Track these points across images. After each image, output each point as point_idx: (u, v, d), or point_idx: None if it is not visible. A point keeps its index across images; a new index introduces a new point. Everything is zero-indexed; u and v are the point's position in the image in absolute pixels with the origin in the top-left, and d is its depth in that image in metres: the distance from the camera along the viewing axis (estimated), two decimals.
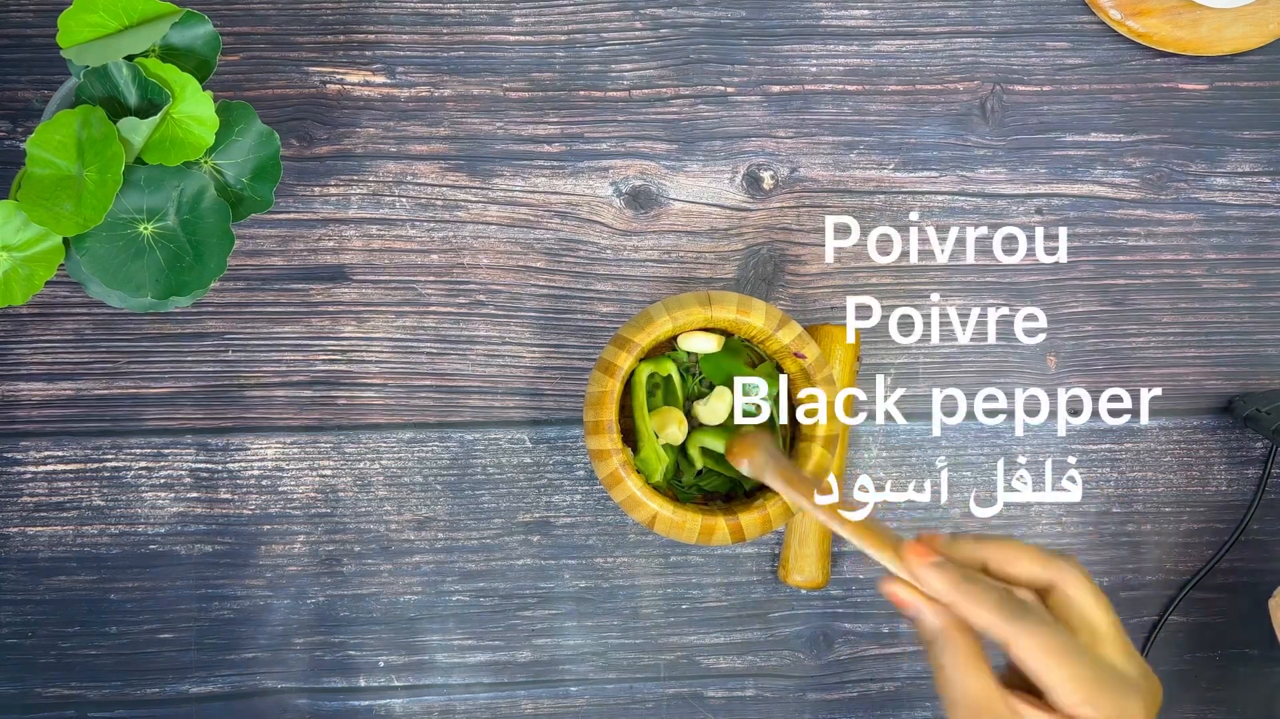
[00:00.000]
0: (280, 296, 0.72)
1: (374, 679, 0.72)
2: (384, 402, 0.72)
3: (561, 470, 0.73)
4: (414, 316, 0.73)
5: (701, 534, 0.63)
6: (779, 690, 0.74)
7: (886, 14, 0.74)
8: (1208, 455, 0.75)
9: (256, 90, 0.72)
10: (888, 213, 0.74)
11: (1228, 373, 0.75)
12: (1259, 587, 0.74)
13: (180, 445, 0.72)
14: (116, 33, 0.60)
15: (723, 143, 0.73)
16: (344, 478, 0.72)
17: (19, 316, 0.72)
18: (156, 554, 0.72)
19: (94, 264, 0.59)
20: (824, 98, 0.74)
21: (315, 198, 0.72)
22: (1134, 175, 0.75)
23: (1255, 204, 0.75)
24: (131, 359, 0.72)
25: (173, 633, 0.72)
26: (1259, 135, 0.75)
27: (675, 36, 0.73)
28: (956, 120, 0.74)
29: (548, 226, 0.73)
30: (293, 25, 0.72)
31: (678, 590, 0.73)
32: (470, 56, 0.73)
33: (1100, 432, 0.74)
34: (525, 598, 0.73)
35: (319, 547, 0.72)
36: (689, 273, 0.73)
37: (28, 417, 0.71)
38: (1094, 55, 0.75)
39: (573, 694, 0.73)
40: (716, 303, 0.63)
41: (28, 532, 0.71)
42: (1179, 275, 0.75)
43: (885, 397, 0.67)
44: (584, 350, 0.73)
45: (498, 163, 0.73)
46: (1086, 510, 0.74)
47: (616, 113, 0.73)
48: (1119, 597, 0.74)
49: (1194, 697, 0.75)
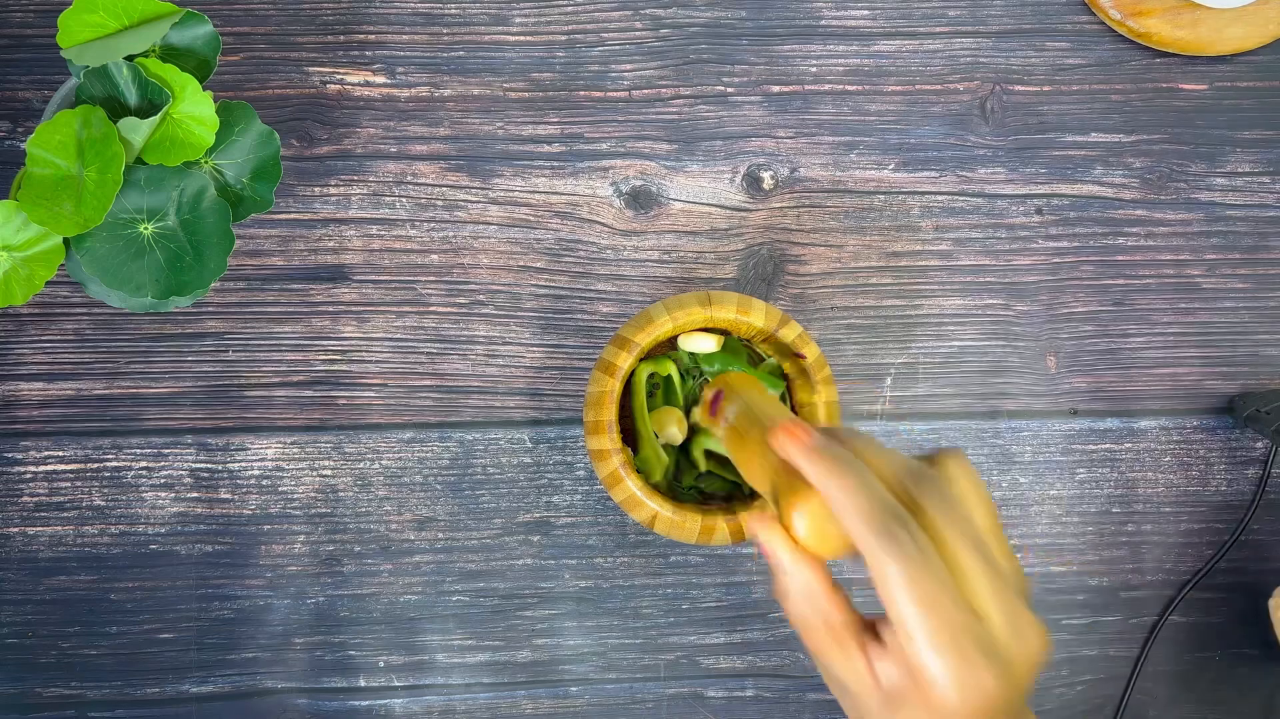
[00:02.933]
0: (280, 296, 0.72)
1: (374, 679, 0.72)
2: (384, 401, 0.72)
3: (561, 470, 0.73)
4: (414, 316, 0.73)
5: (701, 534, 0.63)
6: (779, 690, 0.74)
7: (886, 14, 0.74)
8: (1208, 455, 0.75)
9: (256, 90, 0.72)
10: (888, 213, 0.74)
11: (1228, 373, 0.75)
12: (1259, 587, 0.74)
13: (180, 445, 0.72)
14: (116, 33, 0.60)
15: (723, 143, 0.73)
16: (344, 478, 0.72)
17: (19, 316, 0.72)
18: (157, 554, 0.72)
19: (94, 264, 0.59)
20: (824, 98, 0.74)
21: (315, 198, 0.72)
22: (1134, 175, 0.75)
23: (1255, 204, 0.75)
24: (132, 359, 0.72)
25: (173, 633, 0.72)
26: (1259, 135, 0.75)
27: (675, 36, 0.73)
28: (956, 120, 0.74)
29: (548, 226, 0.73)
30: (293, 25, 0.72)
31: (678, 590, 0.73)
32: (470, 56, 0.73)
33: (1100, 431, 0.74)
34: (525, 598, 0.73)
35: (319, 547, 0.72)
36: (689, 273, 0.73)
37: (28, 416, 0.71)
38: (1094, 55, 0.75)
39: (573, 694, 0.73)
40: (716, 303, 0.63)
41: (28, 531, 0.71)
42: (1179, 275, 0.75)
43: (886, 397, 0.67)
44: (584, 350, 0.73)
45: (498, 163, 0.73)
46: (1086, 510, 0.74)
47: (616, 113, 0.73)
48: (1119, 597, 0.74)
49: (1194, 697, 0.75)
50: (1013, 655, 0.44)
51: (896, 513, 0.44)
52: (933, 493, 0.45)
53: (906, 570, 0.43)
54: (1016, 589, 0.45)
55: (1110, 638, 0.74)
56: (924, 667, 0.43)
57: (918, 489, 0.45)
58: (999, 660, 0.43)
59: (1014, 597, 0.44)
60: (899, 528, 0.43)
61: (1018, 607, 0.44)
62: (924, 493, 0.45)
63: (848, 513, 0.44)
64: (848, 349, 0.74)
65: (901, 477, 0.46)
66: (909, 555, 0.43)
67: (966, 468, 0.47)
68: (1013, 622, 0.44)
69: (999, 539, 0.46)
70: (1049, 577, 0.74)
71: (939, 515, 0.45)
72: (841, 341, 0.74)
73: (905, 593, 0.43)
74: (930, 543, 0.44)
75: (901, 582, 0.43)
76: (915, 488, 0.45)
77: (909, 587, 0.43)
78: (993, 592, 0.44)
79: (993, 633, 0.44)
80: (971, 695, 0.43)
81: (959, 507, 0.45)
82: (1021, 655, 0.44)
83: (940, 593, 0.43)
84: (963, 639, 0.43)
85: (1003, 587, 0.44)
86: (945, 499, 0.45)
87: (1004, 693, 0.43)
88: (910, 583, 0.43)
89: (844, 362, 0.74)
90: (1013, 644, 0.44)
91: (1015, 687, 0.44)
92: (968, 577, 0.44)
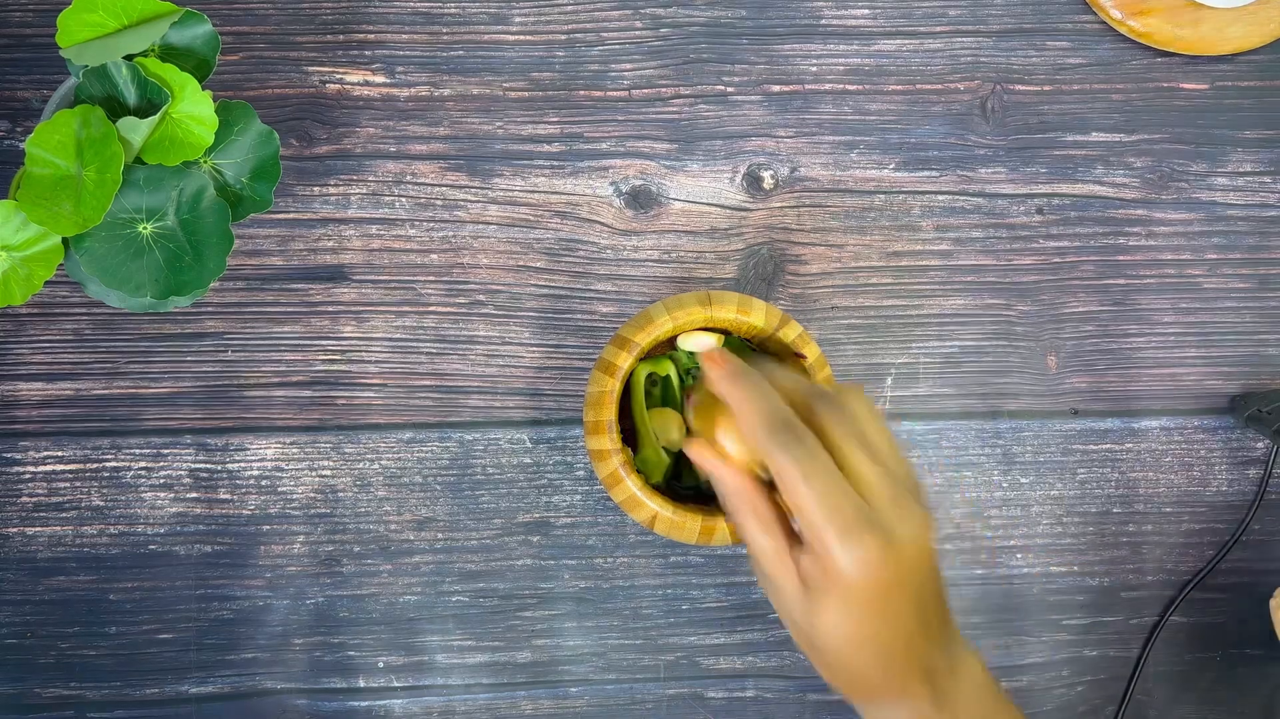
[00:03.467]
0: (280, 296, 0.72)
1: (373, 680, 0.72)
2: (383, 402, 0.72)
3: (561, 470, 0.73)
4: (414, 316, 0.72)
5: (702, 534, 0.63)
6: (779, 691, 0.73)
7: (887, 14, 0.74)
8: (1209, 455, 0.75)
9: (256, 90, 0.72)
10: (888, 212, 0.74)
11: (1229, 373, 0.75)
12: (1260, 587, 0.74)
13: (180, 445, 0.72)
14: (116, 32, 0.60)
15: (723, 142, 0.73)
16: (343, 478, 0.72)
17: (18, 316, 0.72)
18: (156, 554, 0.72)
19: (93, 264, 0.59)
20: (824, 97, 0.74)
21: (315, 198, 0.72)
22: (1135, 175, 0.75)
23: (1256, 204, 0.75)
24: (131, 359, 0.72)
25: (172, 633, 0.72)
26: (1260, 135, 0.75)
27: (675, 36, 0.73)
28: (957, 120, 0.74)
29: (547, 226, 0.73)
30: (292, 25, 0.72)
31: (678, 591, 0.73)
32: (470, 56, 0.73)
33: (1100, 432, 0.74)
34: (525, 598, 0.73)
35: (318, 547, 0.72)
36: (689, 273, 0.73)
37: (27, 417, 0.71)
38: (1095, 55, 0.74)
39: (573, 695, 0.73)
40: (716, 302, 0.63)
41: (27, 532, 0.71)
42: (1180, 275, 0.75)
43: (886, 397, 0.67)
44: (584, 350, 0.73)
45: (497, 162, 0.73)
46: (1087, 510, 0.74)
47: (616, 113, 0.73)
48: (1120, 597, 0.74)
49: (1194, 697, 0.75)
50: (897, 530, 0.50)
51: (788, 421, 0.51)
52: (826, 406, 0.52)
53: (798, 466, 0.50)
54: (907, 485, 0.52)
55: (1111, 638, 0.74)
56: (820, 542, 0.49)
57: (815, 404, 0.53)
58: (881, 531, 0.49)
59: (898, 486, 0.51)
60: (788, 433, 0.50)
61: (900, 493, 0.51)
62: (819, 406, 0.52)
63: (748, 423, 0.52)
64: (848, 349, 0.74)
65: (804, 394, 0.53)
66: (798, 455, 0.50)
67: (862, 396, 0.54)
68: (895, 503, 0.50)
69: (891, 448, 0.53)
70: (1049, 577, 0.74)
71: (829, 422, 0.52)
72: (842, 341, 0.74)
73: (799, 484, 0.49)
74: (819, 444, 0.51)
75: (795, 474, 0.49)
76: (814, 403, 0.53)
77: (802, 479, 0.49)
78: (876, 479, 0.51)
79: (878, 512, 0.50)
80: (860, 562, 0.49)
81: (848, 416, 0.52)
82: (906, 532, 0.50)
83: (828, 480, 0.50)
84: (848, 514, 0.49)
85: (885, 476, 0.51)
86: (837, 409, 0.52)
87: (893, 563, 0.49)
88: (803, 476, 0.49)
89: (844, 361, 0.74)
90: (895, 521, 0.50)
91: (902, 559, 0.50)
92: (853, 469, 0.51)
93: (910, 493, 0.52)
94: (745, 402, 0.52)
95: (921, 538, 0.51)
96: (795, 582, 0.51)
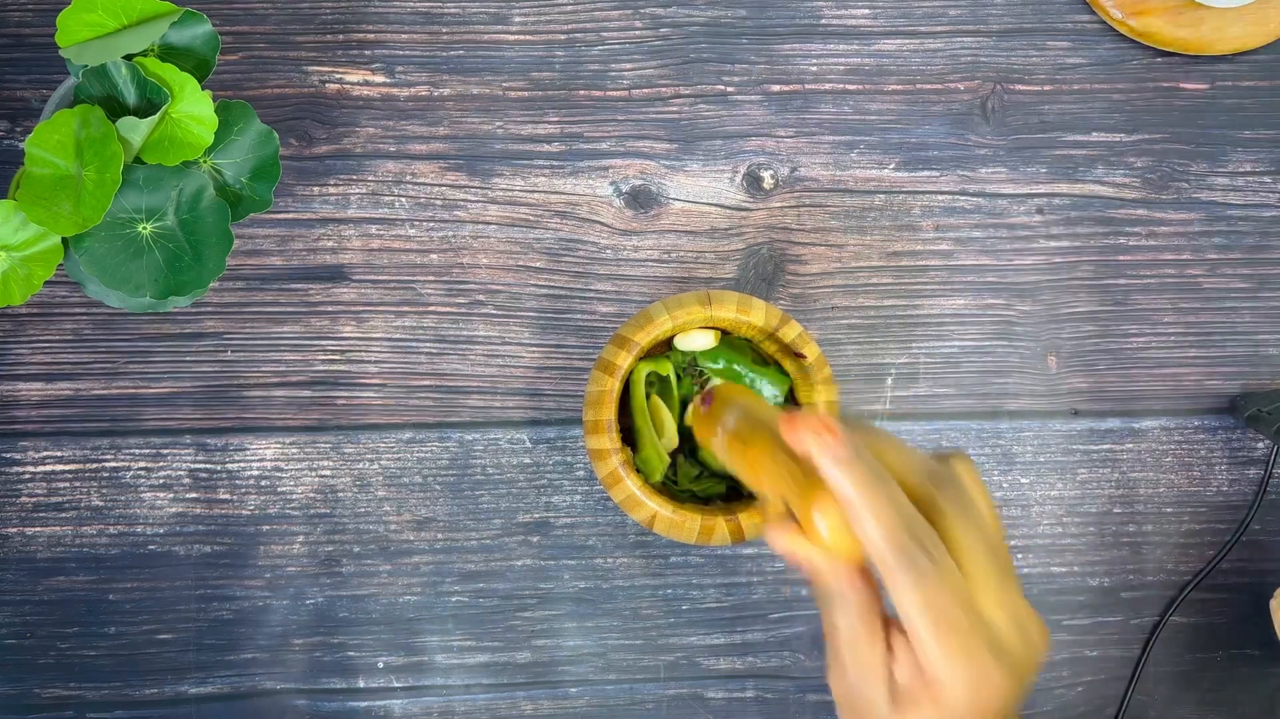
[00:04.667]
0: (279, 296, 0.72)
1: (373, 680, 0.72)
2: (383, 402, 0.72)
3: (561, 470, 0.73)
4: (413, 316, 0.72)
5: (701, 534, 0.63)
6: (779, 691, 0.73)
7: (887, 13, 0.74)
8: (1209, 455, 0.75)
9: (256, 90, 0.72)
10: (888, 212, 0.74)
11: (1229, 373, 0.75)
12: (1260, 587, 0.74)
13: (179, 446, 0.72)
14: (115, 32, 0.60)
15: (723, 142, 0.73)
16: (343, 478, 0.72)
17: (18, 316, 0.71)
18: (155, 554, 0.72)
19: (93, 264, 0.59)
20: (824, 97, 0.74)
21: (314, 197, 0.72)
22: (1135, 175, 0.74)
23: (1256, 204, 0.75)
24: (130, 359, 0.72)
25: (172, 633, 0.72)
26: (1260, 135, 0.75)
27: (675, 36, 0.73)
28: (957, 120, 0.74)
29: (547, 226, 0.73)
30: (292, 25, 0.72)
31: (678, 591, 0.73)
32: (470, 56, 0.73)
33: (1100, 431, 0.74)
34: (525, 598, 0.73)
35: (318, 547, 0.72)
36: (689, 273, 0.73)
37: (26, 417, 0.71)
38: (1095, 55, 0.74)
39: (572, 695, 0.73)
40: (716, 302, 0.63)
41: (26, 532, 0.71)
42: (1180, 275, 0.75)
43: (887, 397, 0.67)
44: (584, 350, 0.73)
45: (497, 162, 0.73)
46: (1087, 510, 0.74)
47: (616, 112, 0.73)
48: (1120, 597, 0.74)
49: (1195, 697, 0.75)
50: (1018, 653, 0.46)
51: (915, 533, 0.45)
52: (953, 498, 0.47)
53: (922, 588, 0.44)
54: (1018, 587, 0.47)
55: (1111, 638, 0.74)
56: (935, 670, 0.45)
57: (939, 493, 0.47)
58: (1006, 659, 0.45)
59: (1019, 596, 0.46)
60: (918, 550, 0.45)
61: (1022, 606, 0.46)
62: (946, 498, 0.47)
63: (870, 530, 0.45)
64: (848, 349, 0.74)
65: (923, 479, 0.48)
66: (925, 574, 0.45)
67: (975, 472, 0.49)
68: (1018, 621, 0.46)
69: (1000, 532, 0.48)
70: (1050, 577, 0.74)
71: (958, 522, 0.47)
72: (842, 341, 0.74)
73: (920, 608, 0.44)
74: (946, 556, 0.45)
75: (916, 598, 0.44)
76: (937, 491, 0.47)
77: (924, 603, 0.44)
78: (1001, 594, 0.46)
79: (1000, 634, 0.45)
80: (980, 694, 0.45)
81: (974, 511, 0.47)
82: (1026, 652, 0.46)
83: (953, 605, 0.45)
84: (972, 644, 0.45)
85: (1010, 588, 0.46)
86: (963, 505, 0.47)
87: (1010, 688, 0.45)
88: (925, 600, 0.44)
89: (844, 362, 0.74)
90: (1018, 642, 0.46)
91: (1020, 681, 0.46)
92: (980, 582, 0.46)
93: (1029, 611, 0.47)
94: (868, 503, 0.45)
95: (1039, 653, 0.47)
96: (883, 688, 0.46)
